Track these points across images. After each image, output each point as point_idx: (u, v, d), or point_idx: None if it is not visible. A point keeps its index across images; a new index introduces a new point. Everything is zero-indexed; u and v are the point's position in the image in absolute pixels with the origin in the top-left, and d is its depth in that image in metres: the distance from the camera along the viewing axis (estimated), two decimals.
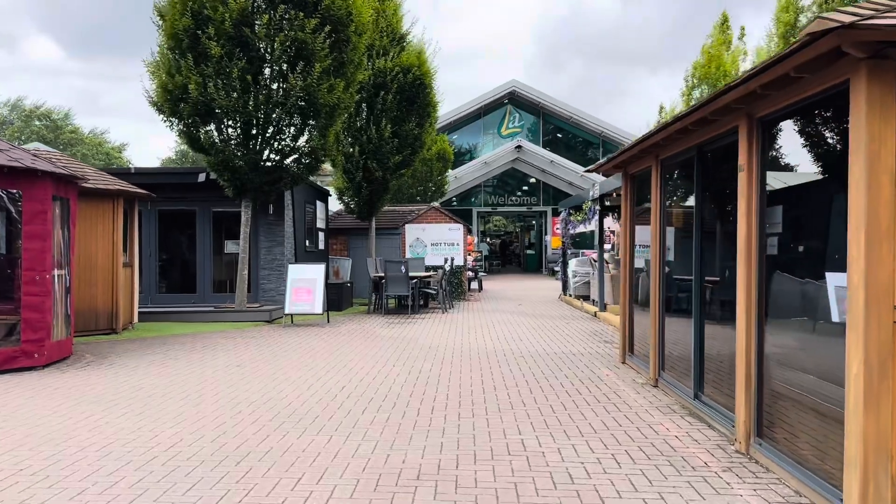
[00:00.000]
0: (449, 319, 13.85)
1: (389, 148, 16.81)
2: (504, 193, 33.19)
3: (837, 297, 4.24)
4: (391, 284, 14.66)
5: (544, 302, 18.11)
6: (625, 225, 8.39)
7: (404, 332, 11.85)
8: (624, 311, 8.39)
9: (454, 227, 18.73)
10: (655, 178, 6.91)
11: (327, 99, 12.78)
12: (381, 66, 16.70)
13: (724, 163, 5.75)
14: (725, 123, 5.02)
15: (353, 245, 19.49)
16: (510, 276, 32.27)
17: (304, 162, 13.63)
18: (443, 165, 24.61)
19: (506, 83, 32.46)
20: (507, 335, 11.32)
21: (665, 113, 22.24)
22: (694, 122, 5.17)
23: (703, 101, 4.80)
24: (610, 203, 14.03)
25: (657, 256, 6.94)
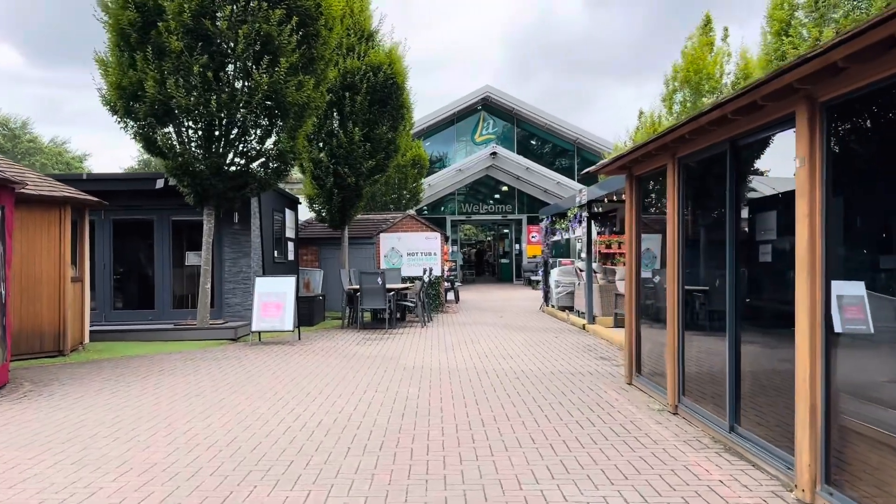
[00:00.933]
0: (430, 334, 12.96)
1: (361, 152, 15.91)
2: (478, 201, 32.44)
3: (840, 306, 3.90)
4: (367, 297, 13.72)
5: (526, 313, 17.32)
6: (630, 232, 7.61)
7: (383, 349, 10.92)
8: (630, 326, 7.60)
9: (431, 235, 17.88)
10: (673, 179, 6.14)
11: (296, 98, 11.84)
12: (350, 65, 15.80)
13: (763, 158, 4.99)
14: (777, 110, 4.25)
15: (324, 255, 18.49)
16: (485, 285, 31.48)
17: (271, 166, 12.64)
18: (418, 172, 23.73)
19: (479, 89, 31.77)
20: (496, 351, 10.47)
21: (644, 118, 21.63)
22: (737, 109, 4.39)
23: (755, 82, 4.02)
24: (601, 209, 13.31)
25: (675, 266, 6.15)
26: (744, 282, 5.09)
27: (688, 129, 5.22)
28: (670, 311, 6.23)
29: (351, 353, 10.62)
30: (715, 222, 5.75)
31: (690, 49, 17.15)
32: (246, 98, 11.61)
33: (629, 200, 7.58)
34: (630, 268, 7.59)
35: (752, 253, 5.12)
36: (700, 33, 17.29)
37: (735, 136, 4.96)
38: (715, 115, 4.64)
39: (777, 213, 5.07)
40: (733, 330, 5.12)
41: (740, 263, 5.09)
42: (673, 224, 6.16)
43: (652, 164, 6.71)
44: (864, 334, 3.85)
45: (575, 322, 14.21)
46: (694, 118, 4.96)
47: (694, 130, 5.21)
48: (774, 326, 4.93)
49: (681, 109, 17.11)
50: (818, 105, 3.91)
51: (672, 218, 6.18)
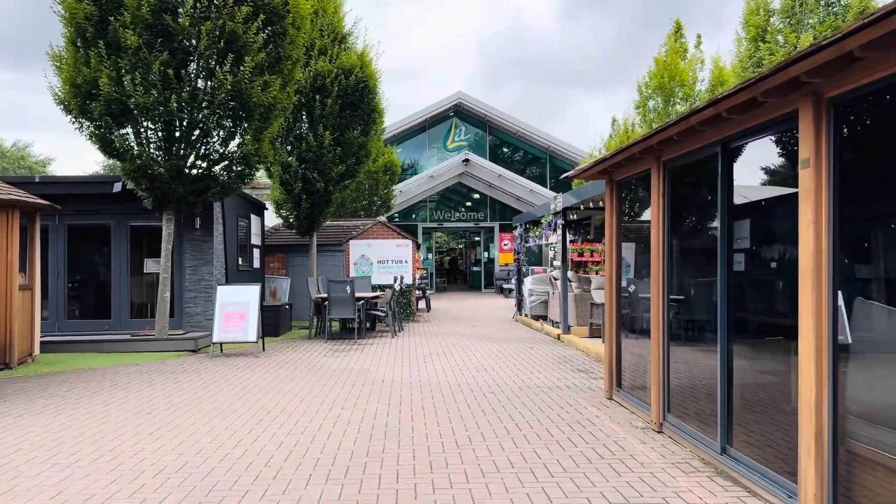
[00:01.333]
0: (400, 345, 12.50)
1: (331, 157, 15.44)
2: (450, 208, 32.07)
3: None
4: (335, 306, 13.23)
5: (499, 322, 16.95)
6: (610, 240, 7.27)
7: (352, 361, 10.45)
8: (610, 338, 7.25)
9: (402, 243, 17.44)
10: (657, 184, 5.81)
11: (261, 98, 11.35)
12: (321, 67, 15.35)
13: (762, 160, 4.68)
14: (778, 108, 3.92)
15: (292, 263, 17.93)
16: (457, 293, 31.10)
17: (235, 169, 12.11)
18: (389, 178, 23.28)
19: (451, 95, 31.46)
20: (469, 363, 10.06)
21: (618, 125, 21.50)
22: (733, 107, 4.06)
23: (756, 77, 3.68)
24: (576, 217, 13.01)
25: (660, 274, 5.82)
26: (736, 291, 4.76)
27: (676, 130, 4.89)
28: (655, 321, 5.88)
29: (317, 365, 10.13)
30: (704, 229, 5.43)
31: (664, 55, 17.01)
32: (208, 98, 11.09)
33: (609, 207, 7.25)
34: (610, 277, 7.25)
35: (744, 261, 4.79)
36: (672, 40, 17.17)
37: (728, 138, 4.64)
38: (708, 113, 4.30)
39: (771, 219, 4.76)
40: (725, 342, 4.79)
41: (733, 272, 4.76)
42: (658, 231, 5.83)
43: (635, 169, 6.39)
44: (877, 350, 3.52)
45: (549, 332, 13.87)
46: (684, 118, 4.63)
47: (683, 132, 4.87)
48: (770, 338, 4.61)
49: (654, 117, 16.95)
50: (825, 102, 3.59)
51: (657, 224, 5.84)
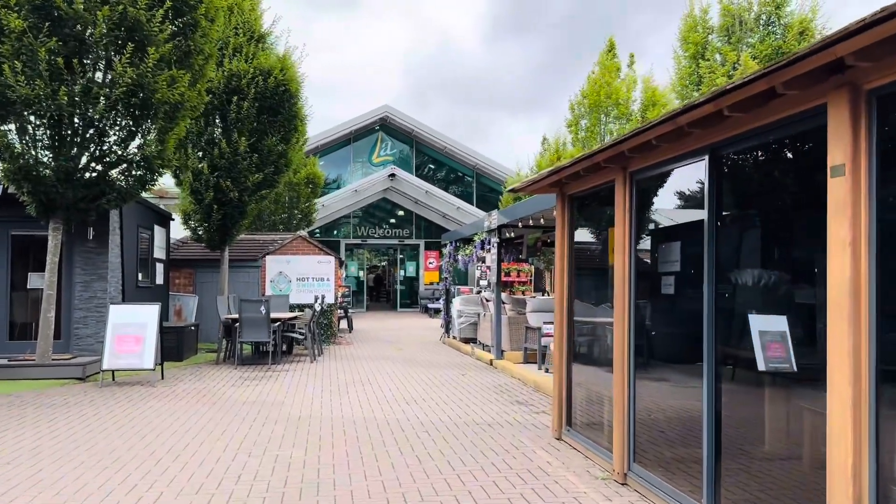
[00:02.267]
0: (320, 371, 11.38)
1: (247, 164, 14.21)
2: (374, 225, 31.02)
3: (763, 344, 3.75)
4: (247, 328, 11.97)
5: (426, 345, 16.03)
6: (561, 260, 6.51)
7: (264, 392, 9.28)
8: (560, 369, 6.46)
9: (324, 259, 16.30)
10: (625, 197, 5.07)
11: (167, 95, 10.11)
12: (236, 67, 14.16)
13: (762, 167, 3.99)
14: (799, 102, 3.21)
15: (201, 279, 16.45)
16: (381, 313, 29.99)
17: (134, 174, 10.76)
18: (311, 191, 22.05)
19: (378, 108, 30.55)
20: (397, 393, 9.08)
21: (548, 144, 21.17)
22: (740, 102, 3.33)
23: (781, 62, 2.95)
24: (512, 234, 12.31)
25: (626, 298, 5.06)
26: (725, 319, 4.03)
27: (656, 134, 4.14)
28: (619, 352, 5.11)
29: (224, 396, 8.91)
30: (682, 248, 4.71)
31: (598, 74, 16.70)
32: (105, 92, 9.77)
33: (561, 223, 6.49)
34: (561, 300, 6.47)
35: (731, 283, 4.07)
36: (605, 58, 16.90)
37: (722, 142, 3.92)
38: (705, 110, 3.57)
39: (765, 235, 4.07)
40: (712, 376, 4.04)
41: (720, 296, 4.04)
42: (624, 250, 5.08)
43: (594, 181, 5.64)
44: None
45: (481, 357, 13.05)
46: (671, 117, 3.88)
47: (664, 136, 4.13)
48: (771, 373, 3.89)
49: (586, 136, 16.58)
50: (864, 94, 2.89)
51: (622, 243, 5.09)
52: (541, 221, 11.30)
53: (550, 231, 13.70)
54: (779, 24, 11.00)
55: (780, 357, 3.89)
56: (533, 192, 6.74)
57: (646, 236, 5.11)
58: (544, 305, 12.05)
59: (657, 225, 5.15)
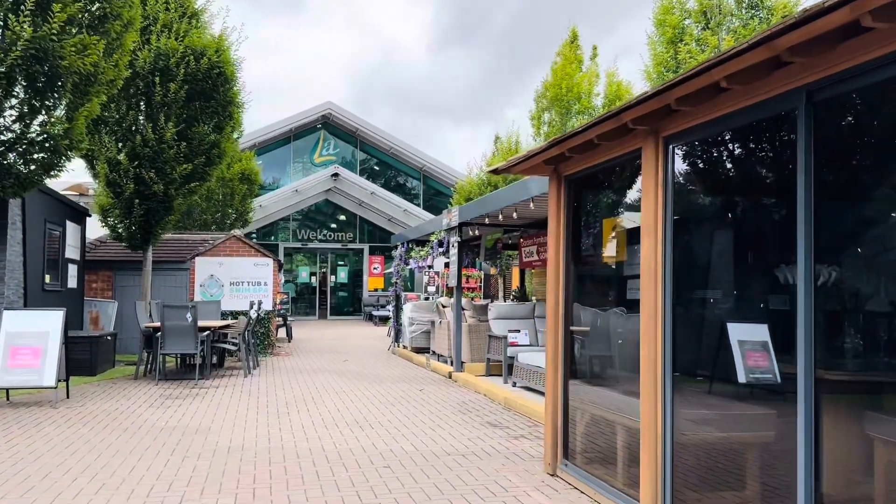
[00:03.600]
0: (255, 387, 9.93)
1: (173, 153, 12.61)
2: (316, 227, 29.41)
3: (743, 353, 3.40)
4: (171, 339, 10.41)
5: (374, 356, 14.69)
6: (555, 256, 5.36)
7: (188, 414, 7.81)
8: (554, 389, 5.29)
9: (262, 261, 14.78)
10: (657, 169, 3.95)
11: (76, 63, 8.55)
12: (165, 45, 12.59)
13: None
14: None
15: (121, 283, 14.70)
16: (322, 321, 28.40)
17: (34, 157, 9.12)
18: (248, 188, 20.38)
19: (320, 105, 29.01)
20: (346, 414, 7.76)
21: (501, 143, 20.18)
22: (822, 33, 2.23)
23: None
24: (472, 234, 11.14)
25: (657, 297, 3.93)
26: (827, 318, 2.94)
27: (727, 72, 3.02)
28: (649, 368, 3.97)
29: (139, 421, 7.41)
30: (742, 230, 3.61)
31: (560, 65, 15.75)
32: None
33: (556, 212, 5.34)
34: (556, 305, 5.31)
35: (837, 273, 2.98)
36: (568, 49, 15.97)
37: (821, 81, 2.83)
38: (798, 36, 2.46)
39: None
40: (809, 407, 2.93)
41: (822, 287, 2.94)
42: (655, 236, 3.95)
43: (607, 153, 4.51)
44: None
45: (437, 369, 11.82)
46: (743, 51, 2.76)
47: (735, 75, 3.02)
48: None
49: (549, 130, 15.61)
50: None
51: (653, 227, 3.97)
52: (499, 219, 10.17)
53: (513, 231, 12.60)
54: (763, 6, 10.24)
55: (763, 367, 3.39)
56: (520, 172, 5.56)
57: (686, 217, 3.99)
58: (509, 312, 10.92)
59: (704, 201, 4.04)
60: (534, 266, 12.68)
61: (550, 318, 5.35)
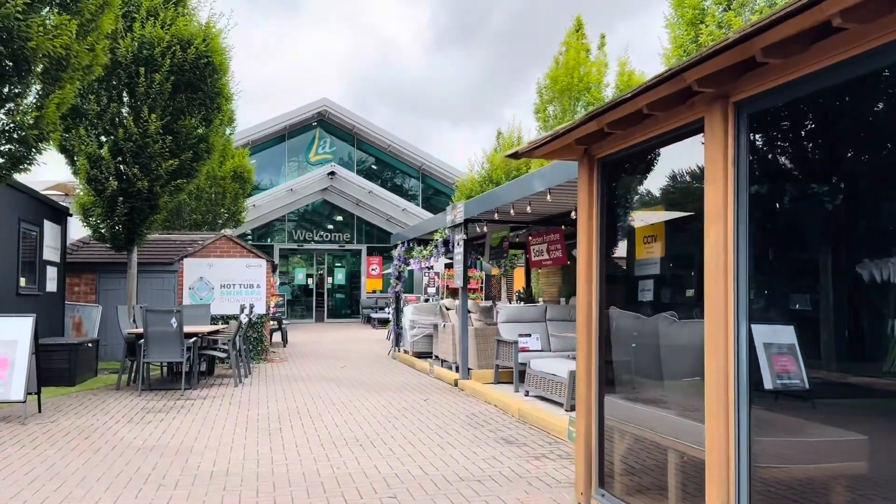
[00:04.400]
0: (246, 397, 9.17)
1: (158, 148, 11.86)
2: (312, 228, 28.63)
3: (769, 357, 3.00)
4: (154, 346, 9.65)
5: (373, 361, 13.93)
6: (587, 250, 4.61)
7: (169, 430, 7.05)
8: (587, 405, 4.54)
9: (254, 262, 14.01)
10: (727, 142, 3.20)
11: (45, 45, 7.78)
12: (149, 33, 11.84)
13: None
14: None
15: (105, 286, 13.93)
16: (319, 324, 27.63)
17: (2, 149, 8.35)
18: (240, 187, 19.57)
19: (315, 101, 28.24)
20: (345, 430, 7.01)
21: (503, 138, 19.45)
22: None
23: None
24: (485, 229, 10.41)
25: (727, 295, 3.19)
26: None
27: (841, 6, 2.27)
28: (718, 383, 3.22)
29: (114, 439, 6.65)
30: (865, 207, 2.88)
31: (566, 55, 14.99)
32: None
33: (588, 201, 4.59)
34: (587, 308, 4.57)
35: None
36: (573, 38, 15.22)
37: None
38: None
39: None
40: None
41: None
42: (724, 223, 3.21)
43: (656, 127, 3.77)
44: None
45: (442, 375, 11.06)
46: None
47: (853, 8, 2.27)
48: None
49: (555, 124, 14.86)
50: None
51: (723, 212, 3.22)
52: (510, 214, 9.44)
53: (521, 228, 11.86)
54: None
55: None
56: (544, 155, 4.81)
57: (765, 200, 3.24)
58: (518, 314, 10.17)
59: (788, 180, 3.29)
60: (543, 265, 11.95)
61: (582, 323, 4.60)
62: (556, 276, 14.14)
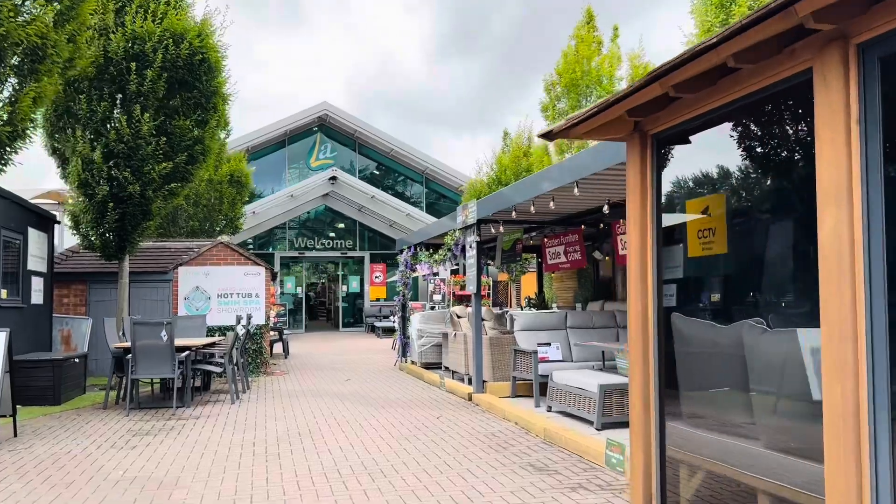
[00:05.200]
0: (243, 417, 8.42)
1: (152, 150, 11.17)
2: (313, 235, 27.89)
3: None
4: (143, 361, 8.90)
5: (379, 373, 13.16)
6: (639, 240, 3.86)
7: (155, 457, 6.29)
8: (646, 433, 3.77)
9: (253, 270, 13.27)
10: (848, 97, 2.46)
11: (16, 33, 7.09)
12: (140, 28, 11.17)
13: None
14: None
15: (95, 297, 13.19)
16: (322, 333, 26.85)
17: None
18: (237, 192, 18.84)
19: (316, 105, 27.54)
20: (352, 456, 6.25)
21: (510, 138, 18.75)
22: None
23: None
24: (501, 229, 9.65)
25: (855, 298, 2.44)
26: None
27: None
28: (844, 415, 2.47)
29: (92, 469, 5.89)
30: None
31: (575, 49, 14.24)
32: None
33: (640, 185, 3.85)
34: (642, 310, 3.82)
35: None
36: (584, 31, 14.49)
37: None
38: None
39: None
40: None
41: None
42: (849, 205, 2.47)
43: (743, 86, 3.02)
44: None
45: (454, 389, 10.29)
46: None
47: None
48: None
49: None
50: None
51: (846, 190, 2.48)
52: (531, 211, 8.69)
53: (535, 229, 11.11)
54: None
55: None
56: (585, 133, 4.06)
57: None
58: (536, 322, 9.42)
59: None
60: (560, 268, 11.20)
61: (635, 333, 3.84)
62: (572, 280, 13.38)
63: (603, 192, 7.12)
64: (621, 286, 11.62)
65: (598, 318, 9.45)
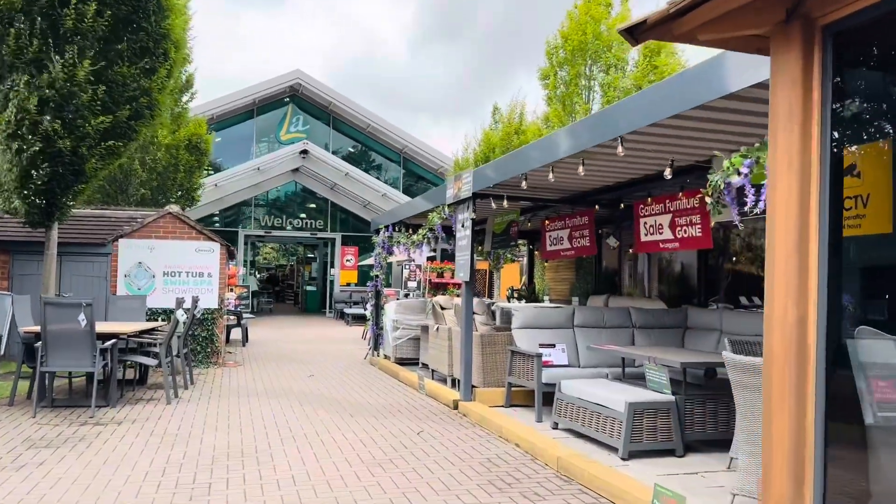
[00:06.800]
0: (177, 424, 6.79)
1: (88, 99, 9.43)
2: (282, 214, 26.06)
3: None
4: (56, 350, 7.21)
5: (348, 368, 11.58)
6: (794, 203, 2.32)
7: (49, 480, 4.67)
8: (795, 456, 2.26)
9: (206, 246, 11.55)
10: None
11: None
12: None
13: None
14: None
15: (20, 270, 11.40)
16: (287, 318, 25.12)
17: None
18: (196, 159, 16.97)
19: (288, 73, 25.62)
20: (307, 495, 4.69)
21: (500, 114, 17.22)
22: None
23: None
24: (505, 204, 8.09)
25: None
26: None
27: None
28: None
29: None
30: None
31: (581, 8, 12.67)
32: None
33: (799, 110, 2.32)
34: (801, 317, 2.28)
35: None
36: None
37: None
38: None
39: None
40: None
41: None
42: None
43: None
44: None
45: (435, 393, 8.75)
46: None
47: None
48: None
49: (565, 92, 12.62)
50: None
51: None
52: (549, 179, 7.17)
53: (542, 207, 9.61)
54: None
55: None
56: (703, 25, 2.53)
57: None
58: (539, 318, 7.90)
59: None
60: (562, 255, 9.71)
61: (778, 350, 2.33)
62: (569, 270, 11.92)
63: (660, 151, 5.52)
64: (629, 279, 10.19)
65: (611, 315, 7.98)
